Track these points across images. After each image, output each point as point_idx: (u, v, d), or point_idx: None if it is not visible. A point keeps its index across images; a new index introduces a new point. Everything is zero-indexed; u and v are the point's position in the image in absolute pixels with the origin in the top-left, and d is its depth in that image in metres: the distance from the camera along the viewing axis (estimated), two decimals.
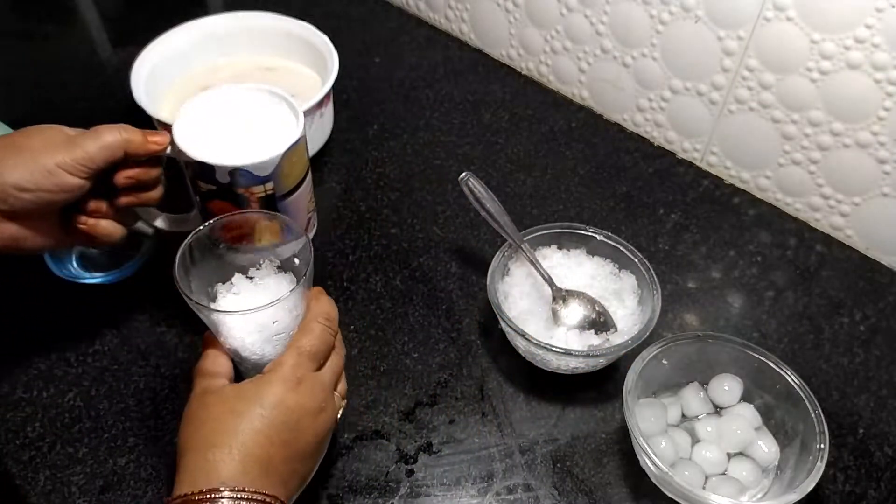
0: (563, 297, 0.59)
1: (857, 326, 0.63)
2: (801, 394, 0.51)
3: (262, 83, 0.57)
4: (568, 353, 0.54)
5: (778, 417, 0.53)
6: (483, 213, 0.61)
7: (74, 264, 0.64)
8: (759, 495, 0.51)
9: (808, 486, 0.47)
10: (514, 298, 0.60)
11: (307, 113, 0.69)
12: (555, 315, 0.59)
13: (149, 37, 0.75)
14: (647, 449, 0.48)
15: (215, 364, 0.46)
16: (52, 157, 0.45)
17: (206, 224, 0.47)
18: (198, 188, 0.53)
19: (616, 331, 0.58)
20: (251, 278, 0.50)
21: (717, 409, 0.55)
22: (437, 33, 0.95)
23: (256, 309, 0.43)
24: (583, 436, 0.56)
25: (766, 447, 0.52)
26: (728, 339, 0.55)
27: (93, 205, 0.50)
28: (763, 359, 0.53)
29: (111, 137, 0.47)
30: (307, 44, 0.77)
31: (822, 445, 0.48)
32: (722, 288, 0.66)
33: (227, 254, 0.50)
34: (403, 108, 0.84)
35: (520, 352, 0.59)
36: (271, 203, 0.54)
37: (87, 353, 0.59)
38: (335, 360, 0.48)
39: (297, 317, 0.47)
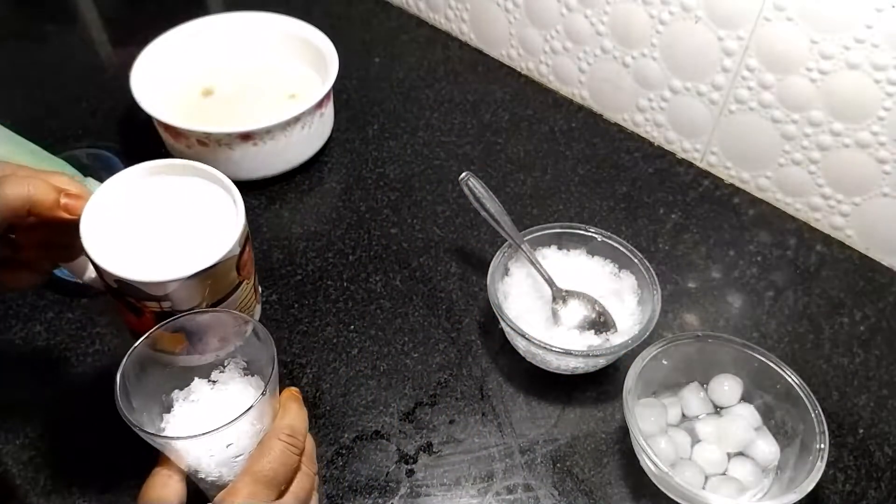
0: (563, 297, 0.59)
1: (857, 326, 0.63)
2: (801, 394, 0.51)
3: (210, 170, 0.46)
4: (568, 353, 0.54)
5: (778, 417, 0.53)
6: (483, 213, 0.61)
7: None
8: (759, 495, 0.51)
9: (808, 486, 0.47)
10: (514, 298, 0.60)
11: (307, 113, 0.69)
12: (555, 315, 0.59)
13: (149, 37, 0.75)
14: (647, 449, 0.48)
15: (163, 490, 0.40)
16: None
17: (144, 337, 0.41)
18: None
19: (616, 331, 0.58)
20: (214, 381, 0.45)
21: (717, 409, 0.55)
22: (437, 33, 0.95)
23: (204, 434, 0.37)
24: (583, 436, 0.56)
25: (766, 447, 0.52)
26: (728, 339, 0.55)
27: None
28: (763, 359, 0.53)
29: (13, 193, 0.39)
30: (307, 44, 0.77)
31: (822, 445, 0.48)
32: (722, 288, 0.66)
33: (181, 358, 0.44)
34: (403, 108, 0.84)
35: (520, 352, 0.59)
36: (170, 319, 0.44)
37: (87, 353, 0.59)
38: (301, 484, 0.41)
39: (259, 432, 0.41)
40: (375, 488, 0.52)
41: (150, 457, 0.53)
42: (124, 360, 0.41)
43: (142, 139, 0.76)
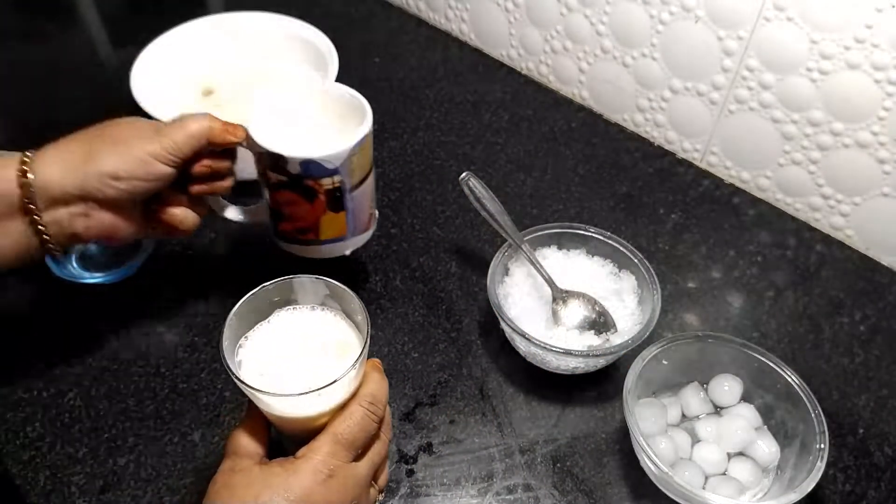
0: (564, 297, 0.59)
1: (857, 326, 0.63)
2: (801, 394, 0.51)
3: (326, 83, 0.57)
4: (568, 353, 0.54)
5: (778, 417, 0.53)
6: (483, 213, 0.61)
7: (74, 264, 0.64)
8: (759, 495, 0.51)
9: (808, 486, 0.47)
10: (514, 298, 0.60)
11: None
12: (555, 315, 0.59)
13: (149, 37, 0.75)
14: (647, 449, 0.48)
15: (249, 441, 0.43)
16: (144, 147, 0.47)
17: (253, 293, 0.44)
18: (268, 179, 0.54)
19: (616, 331, 0.58)
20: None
21: (717, 409, 0.55)
22: (437, 33, 0.95)
23: (294, 395, 0.40)
24: (583, 436, 0.56)
25: (766, 447, 0.52)
26: (728, 339, 0.55)
27: (172, 195, 0.52)
28: (763, 359, 0.53)
29: (195, 126, 0.49)
30: (307, 44, 0.77)
31: (822, 445, 0.48)
32: (722, 288, 0.66)
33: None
34: (403, 108, 0.84)
35: (520, 352, 0.59)
36: (338, 196, 0.54)
37: (87, 353, 0.59)
38: (377, 450, 0.44)
39: (344, 396, 0.43)
40: None
41: (150, 455, 0.53)
42: (235, 308, 0.43)
43: None
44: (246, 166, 0.62)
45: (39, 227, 0.46)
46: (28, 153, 0.46)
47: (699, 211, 0.73)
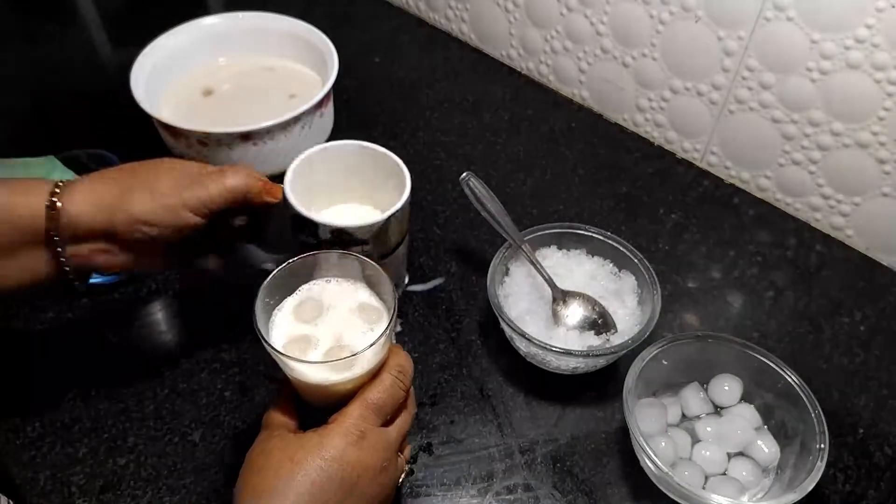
0: (564, 297, 0.59)
1: (857, 326, 0.63)
2: (801, 394, 0.51)
3: (366, 144, 0.56)
4: (568, 353, 0.54)
5: (778, 417, 0.53)
6: (484, 213, 0.61)
7: None
8: (759, 495, 0.51)
9: (808, 486, 0.47)
10: (515, 299, 0.60)
11: (307, 113, 0.69)
12: (555, 315, 0.59)
13: (149, 37, 0.75)
14: (647, 449, 0.48)
15: (282, 416, 0.45)
16: (179, 197, 0.46)
17: (282, 267, 0.45)
18: (297, 238, 0.53)
19: (616, 331, 0.58)
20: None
21: (717, 409, 0.55)
22: (437, 33, 0.95)
23: (327, 361, 0.42)
24: (583, 436, 0.56)
25: (766, 447, 0.52)
26: (728, 339, 0.55)
27: (201, 238, 0.51)
28: (763, 359, 0.53)
29: (234, 181, 0.48)
30: (307, 44, 0.77)
31: (822, 445, 0.48)
32: (722, 288, 0.66)
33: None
34: (403, 108, 0.84)
35: (520, 352, 0.59)
36: None
37: (87, 352, 0.59)
38: (404, 419, 0.46)
39: (372, 367, 0.44)
40: None
41: (150, 455, 0.53)
42: (266, 280, 0.44)
43: (142, 139, 0.76)
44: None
45: (61, 259, 0.46)
46: (60, 182, 0.45)
47: (699, 211, 0.73)
